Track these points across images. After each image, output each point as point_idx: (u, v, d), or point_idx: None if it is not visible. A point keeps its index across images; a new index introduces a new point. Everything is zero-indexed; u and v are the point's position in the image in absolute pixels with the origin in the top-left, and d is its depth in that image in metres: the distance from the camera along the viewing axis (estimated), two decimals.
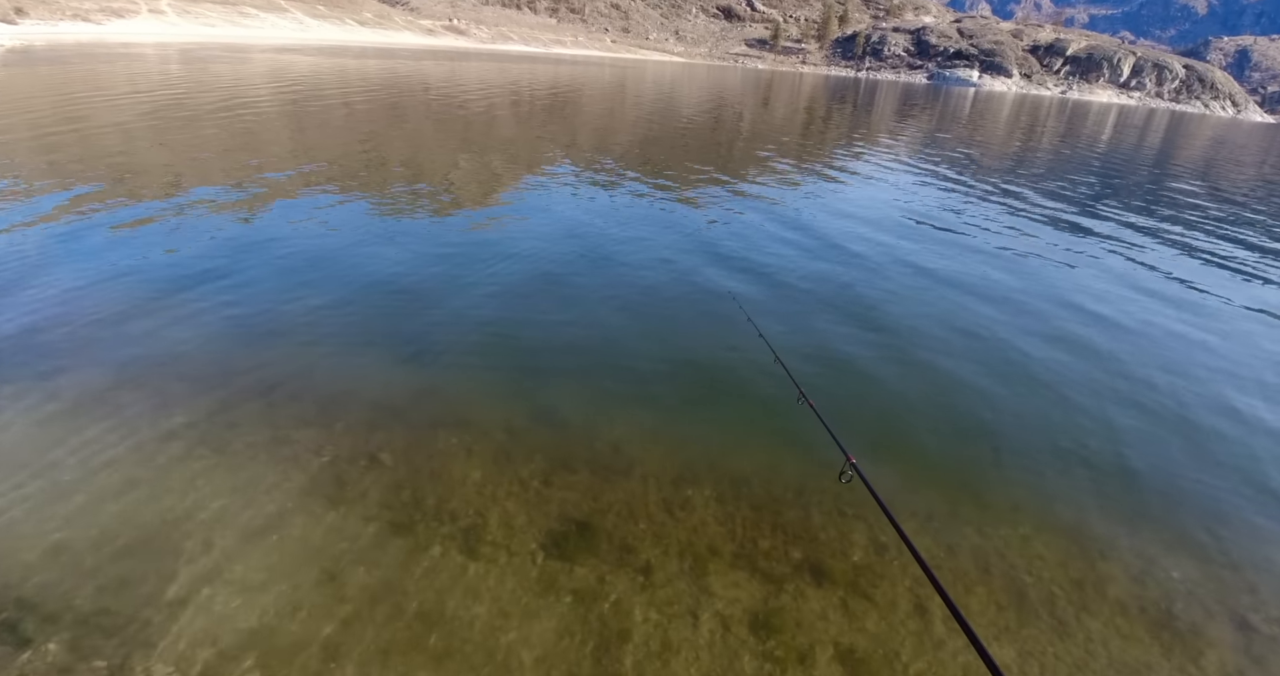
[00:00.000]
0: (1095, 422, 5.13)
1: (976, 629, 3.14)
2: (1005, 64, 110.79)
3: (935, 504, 4.05)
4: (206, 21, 70.08)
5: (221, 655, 2.73)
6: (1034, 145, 28.02)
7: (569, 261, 7.71)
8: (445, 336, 5.63)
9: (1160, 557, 3.79)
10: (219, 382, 4.63)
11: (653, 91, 40.31)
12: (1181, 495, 4.36)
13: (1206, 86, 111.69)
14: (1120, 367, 6.11)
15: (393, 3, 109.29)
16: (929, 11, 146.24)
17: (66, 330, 5.18)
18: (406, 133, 16.55)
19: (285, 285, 6.35)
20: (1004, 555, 3.69)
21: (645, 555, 3.45)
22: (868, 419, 4.98)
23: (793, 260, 8.41)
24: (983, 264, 9.03)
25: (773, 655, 2.95)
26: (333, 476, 3.80)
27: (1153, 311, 7.78)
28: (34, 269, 6.23)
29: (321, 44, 65.50)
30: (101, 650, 2.70)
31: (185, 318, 5.54)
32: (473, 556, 3.34)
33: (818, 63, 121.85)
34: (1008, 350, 6.25)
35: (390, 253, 7.49)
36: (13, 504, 3.41)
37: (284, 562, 3.19)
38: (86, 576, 3.02)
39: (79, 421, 4.09)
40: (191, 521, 3.39)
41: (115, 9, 63.42)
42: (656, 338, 5.95)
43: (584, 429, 4.48)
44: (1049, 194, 15.45)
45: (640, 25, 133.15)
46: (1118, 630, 3.27)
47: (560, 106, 26.98)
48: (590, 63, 75.00)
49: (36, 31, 50.43)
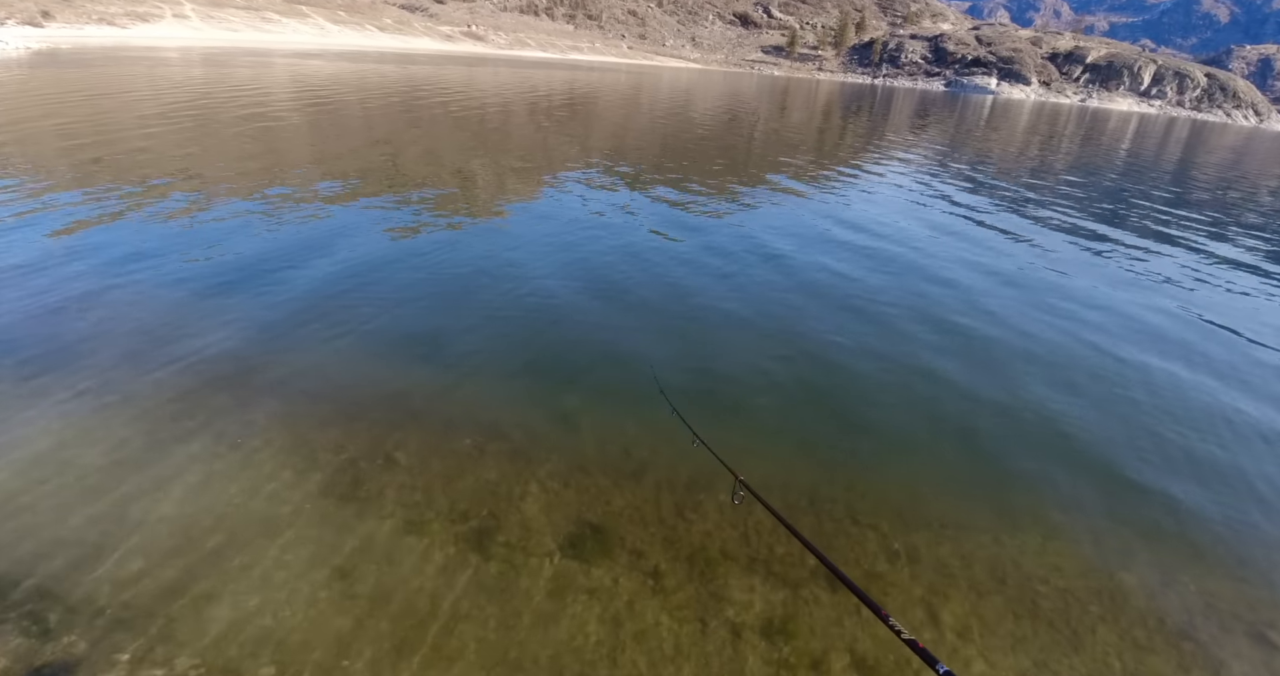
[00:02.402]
0: (1113, 434, 5.08)
1: (992, 638, 3.12)
2: (1024, 72, 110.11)
3: (948, 512, 4.03)
4: (229, 26, 71.14)
5: (239, 650, 2.77)
6: (1051, 154, 27.82)
7: (586, 266, 7.74)
8: (461, 338, 5.67)
9: (1178, 570, 3.75)
10: (237, 382, 4.70)
11: (668, 98, 40.41)
12: (1200, 508, 4.30)
13: (1228, 95, 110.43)
14: (1137, 380, 6.05)
15: (412, 9, 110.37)
16: (947, 19, 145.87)
17: (91, 330, 5.27)
18: (426, 137, 16.70)
19: (304, 285, 6.42)
20: (1019, 564, 3.66)
21: (657, 559, 3.45)
22: (885, 427, 4.96)
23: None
24: (998, 274, 8.98)
25: (786, 662, 2.94)
26: (349, 475, 3.84)
27: (1168, 323, 7.70)
28: (59, 270, 6.35)
29: (342, 49, 66.28)
30: (123, 644, 2.74)
31: (206, 318, 5.62)
32: (486, 556, 3.36)
33: (834, 70, 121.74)
34: (1022, 361, 6.22)
35: (409, 255, 7.56)
36: (38, 499, 3.47)
37: (300, 560, 3.23)
38: (108, 571, 3.07)
39: (102, 419, 4.16)
40: (211, 518, 3.44)
41: (140, 13, 64.57)
42: (672, 342, 5.96)
43: (597, 432, 4.50)
44: (1068, 203, 15.33)
45: (657, 32, 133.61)
46: (1135, 642, 3.24)
47: (577, 112, 27.11)
48: (607, 69, 75.32)
49: (62, 35, 51.41)
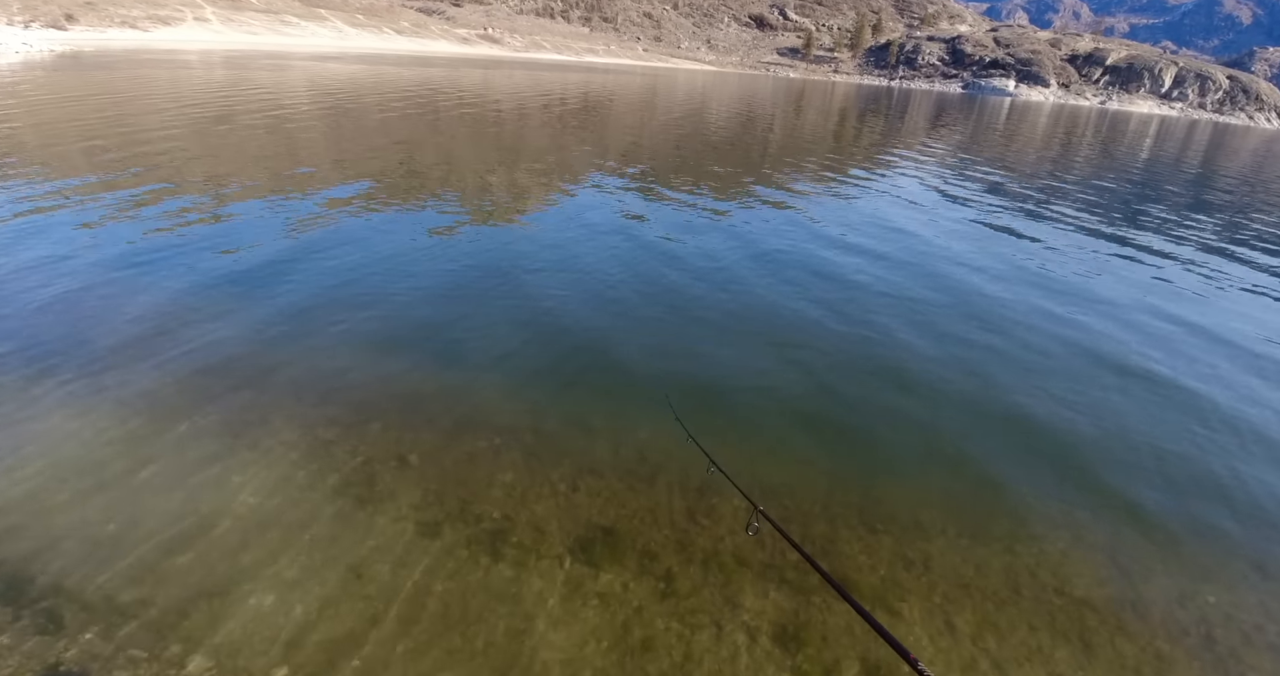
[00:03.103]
0: (1132, 445, 5.01)
1: (1005, 649, 3.08)
2: (1042, 73, 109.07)
3: (964, 522, 3.99)
4: (249, 29, 72.04)
5: (252, 649, 2.79)
6: (1070, 157, 27.53)
7: (600, 269, 7.75)
8: (475, 340, 5.70)
9: (1198, 581, 3.69)
10: (254, 382, 4.74)
11: (684, 100, 40.40)
12: (1220, 520, 4.23)
13: (1251, 97, 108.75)
14: (1156, 390, 5.97)
15: (429, 12, 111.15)
16: (964, 20, 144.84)
17: (110, 328, 5.35)
18: (442, 140, 16.80)
19: (320, 287, 6.48)
20: (1035, 574, 3.61)
21: (669, 563, 3.44)
22: (899, 435, 4.92)
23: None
24: (1032, 284, 8.89)
25: (799, 669, 2.92)
26: (364, 476, 3.86)
27: (1195, 336, 7.59)
28: (79, 268, 6.44)
29: (360, 52, 66.87)
30: (139, 640, 2.77)
31: (223, 319, 5.68)
32: (499, 558, 3.36)
33: (850, 72, 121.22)
34: (1040, 371, 6.15)
35: (424, 257, 7.60)
36: (55, 495, 3.52)
37: (314, 560, 3.25)
38: (124, 568, 3.11)
39: (121, 416, 4.21)
40: (227, 517, 3.47)
41: (162, 17, 65.53)
42: (685, 347, 5.95)
43: (610, 435, 4.50)
44: (1085, 207, 15.17)
45: (672, 34, 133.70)
46: (1156, 653, 3.19)
47: (593, 115, 27.17)
48: (622, 71, 75.46)
49: (86, 37, 52.27)
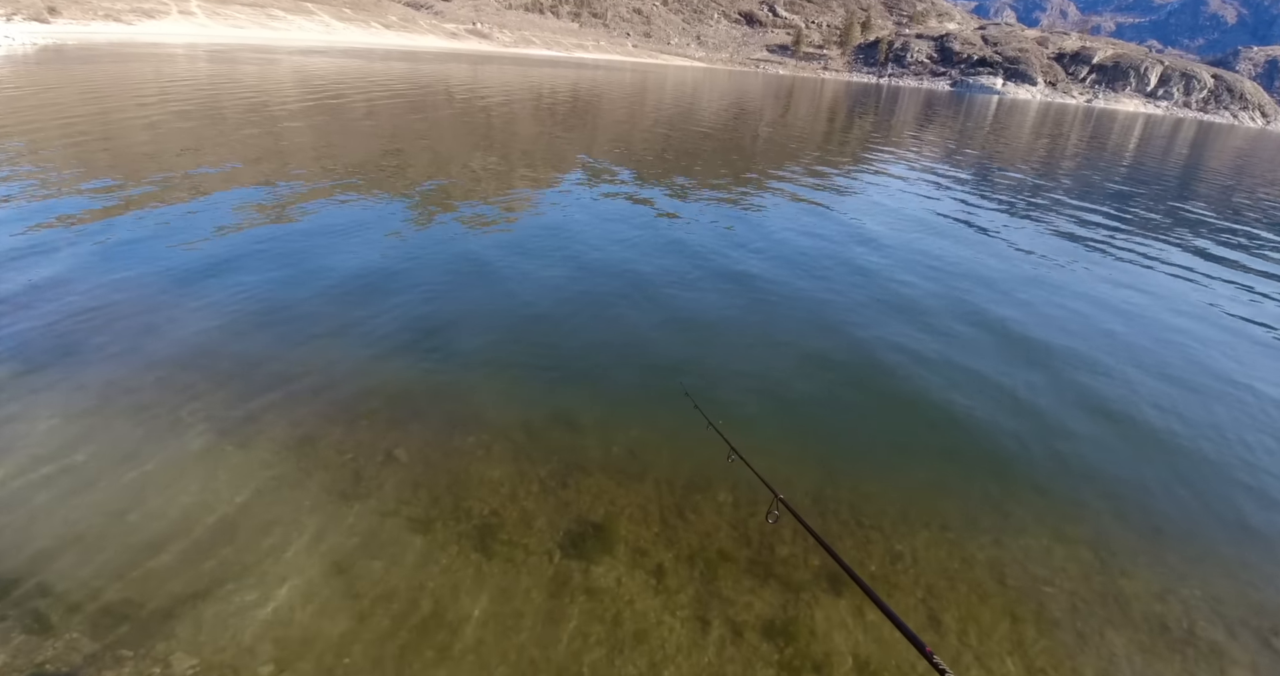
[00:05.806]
0: (1118, 436, 5.06)
1: (989, 642, 3.10)
2: (1030, 72, 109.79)
3: (949, 515, 4.01)
4: (235, 23, 71.26)
5: (239, 646, 2.76)
6: (1058, 155, 27.72)
7: (589, 265, 7.73)
8: (464, 337, 5.66)
9: (1184, 573, 3.73)
10: (240, 378, 4.69)
11: (674, 97, 40.36)
12: (1206, 511, 4.28)
13: (1235, 97, 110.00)
14: (1143, 383, 6.03)
15: (417, 6, 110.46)
16: (953, 18, 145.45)
17: (93, 324, 5.27)
18: (430, 135, 16.69)
19: (307, 283, 6.42)
20: (1024, 566, 3.64)
21: (659, 558, 3.44)
22: (889, 428, 4.95)
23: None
24: (1019, 278, 8.94)
25: (789, 663, 2.93)
26: (350, 473, 3.84)
27: (1178, 328, 7.67)
28: (61, 264, 6.35)
29: (347, 47, 66.34)
30: (125, 639, 2.74)
31: (208, 314, 5.62)
32: (488, 554, 3.35)
33: (839, 69, 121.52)
34: (1027, 363, 6.19)
35: (413, 253, 7.55)
36: (37, 493, 3.47)
37: (301, 557, 3.22)
38: (109, 567, 3.07)
39: (104, 414, 4.16)
40: (212, 514, 3.43)
41: (146, 10, 64.70)
42: (674, 343, 5.95)
43: (600, 432, 4.48)
44: (1080, 208, 15.27)
45: (662, 30, 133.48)
46: (1140, 646, 3.22)
47: (582, 110, 27.09)
48: (612, 67, 75.27)
49: (69, 31, 51.55)
